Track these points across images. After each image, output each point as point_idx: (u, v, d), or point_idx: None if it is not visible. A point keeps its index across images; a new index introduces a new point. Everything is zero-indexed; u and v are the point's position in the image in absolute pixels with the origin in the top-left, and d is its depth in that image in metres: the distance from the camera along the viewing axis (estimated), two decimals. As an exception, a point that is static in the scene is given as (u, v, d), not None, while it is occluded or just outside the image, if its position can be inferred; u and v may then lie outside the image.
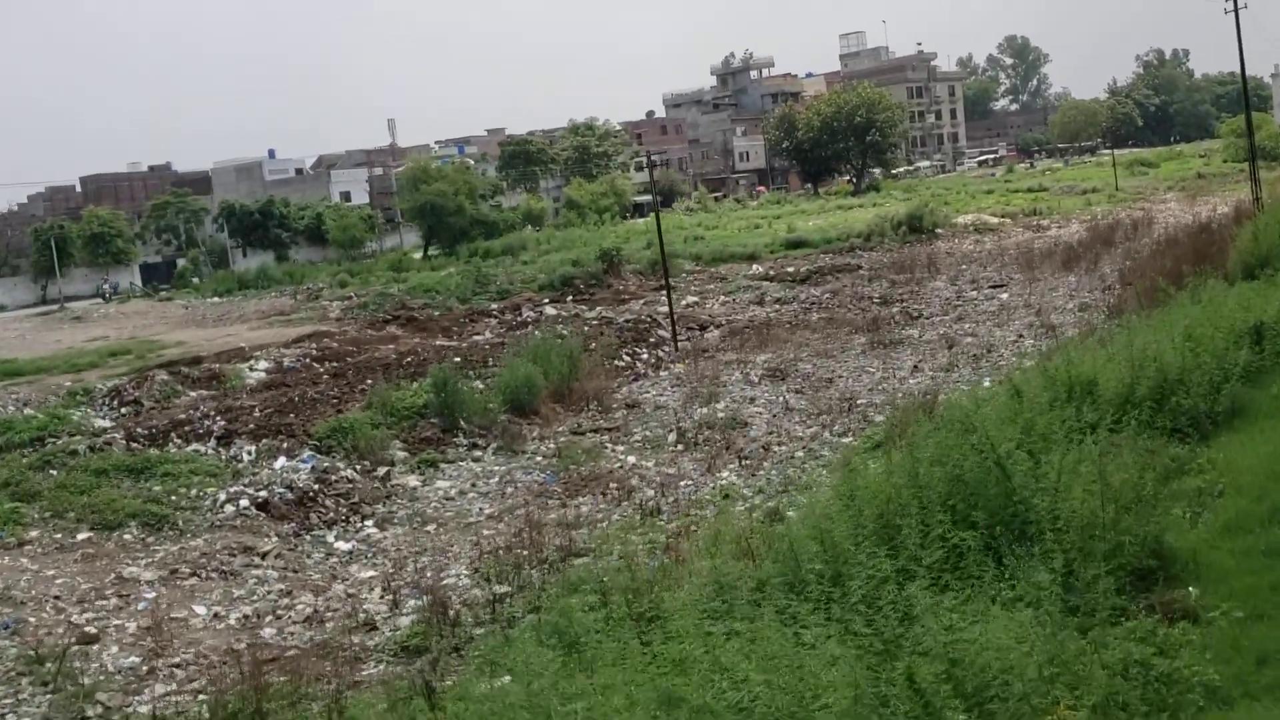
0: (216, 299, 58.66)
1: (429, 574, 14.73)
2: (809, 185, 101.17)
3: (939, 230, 56.32)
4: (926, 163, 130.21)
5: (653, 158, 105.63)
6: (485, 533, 16.45)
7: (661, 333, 34.03)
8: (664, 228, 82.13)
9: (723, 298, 39.64)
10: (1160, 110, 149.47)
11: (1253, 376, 11.98)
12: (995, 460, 8.40)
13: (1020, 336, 25.51)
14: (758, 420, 20.91)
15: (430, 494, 19.22)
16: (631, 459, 19.69)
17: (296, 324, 41.79)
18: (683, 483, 17.69)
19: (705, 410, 22.22)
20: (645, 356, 29.26)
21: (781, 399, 22.54)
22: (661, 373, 27.60)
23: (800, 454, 18.27)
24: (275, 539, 16.98)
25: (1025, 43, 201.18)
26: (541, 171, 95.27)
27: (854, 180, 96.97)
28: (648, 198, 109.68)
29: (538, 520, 15.84)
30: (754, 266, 47.83)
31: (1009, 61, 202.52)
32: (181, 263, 79.65)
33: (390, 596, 14.14)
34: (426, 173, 76.60)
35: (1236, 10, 31.52)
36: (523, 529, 15.53)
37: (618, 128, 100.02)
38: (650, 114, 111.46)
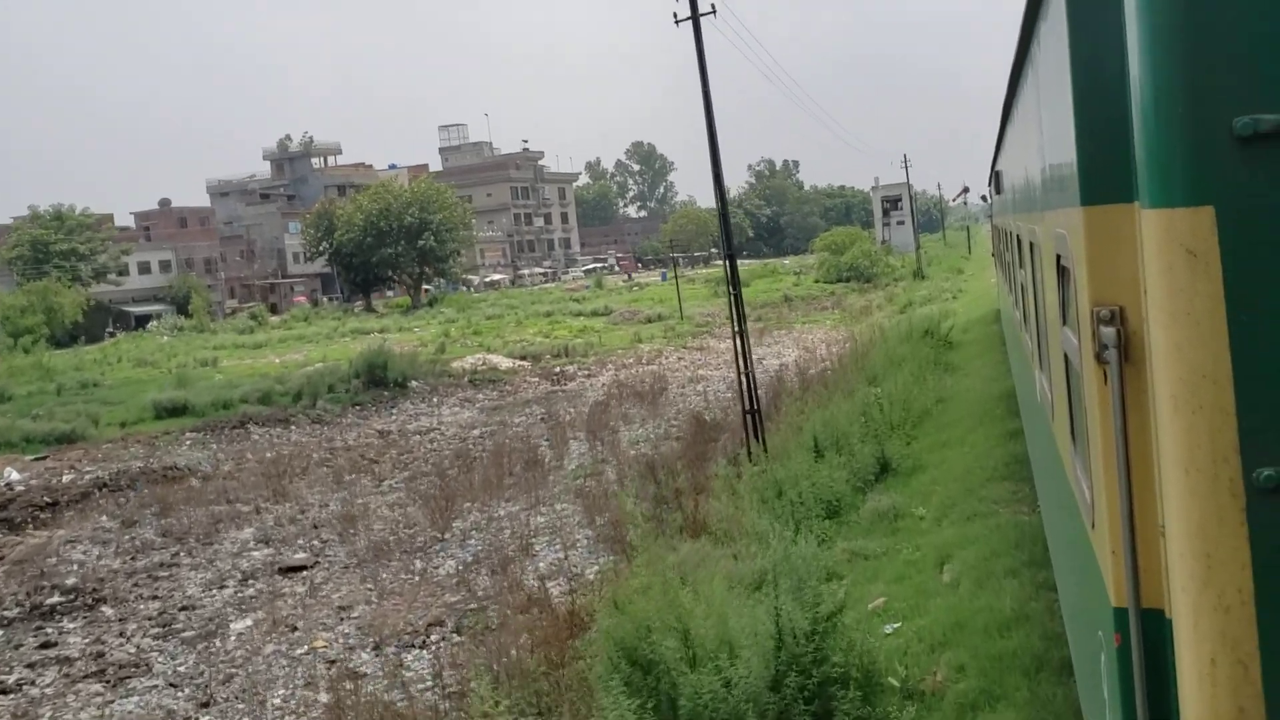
0: None
1: None
2: (360, 297, 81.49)
3: (414, 384, 38.03)
4: (529, 270, 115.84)
5: (127, 258, 79.61)
6: None
7: None
8: (110, 357, 58.81)
9: None
10: (772, 220, 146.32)
11: None
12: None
13: None
14: None
15: None
16: None
17: None
18: None
19: None
20: None
21: None
22: None
23: None
24: None
25: (652, 149, 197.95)
26: (-34, 274, 68.47)
27: (411, 292, 78.53)
28: (155, 307, 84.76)
29: None
30: (8, 473, 26.41)
31: (636, 168, 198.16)
32: None
33: None
34: None
35: (697, 25, 15.34)
36: None
37: (93, 217, 75.14)
38: (165, 202, 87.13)
